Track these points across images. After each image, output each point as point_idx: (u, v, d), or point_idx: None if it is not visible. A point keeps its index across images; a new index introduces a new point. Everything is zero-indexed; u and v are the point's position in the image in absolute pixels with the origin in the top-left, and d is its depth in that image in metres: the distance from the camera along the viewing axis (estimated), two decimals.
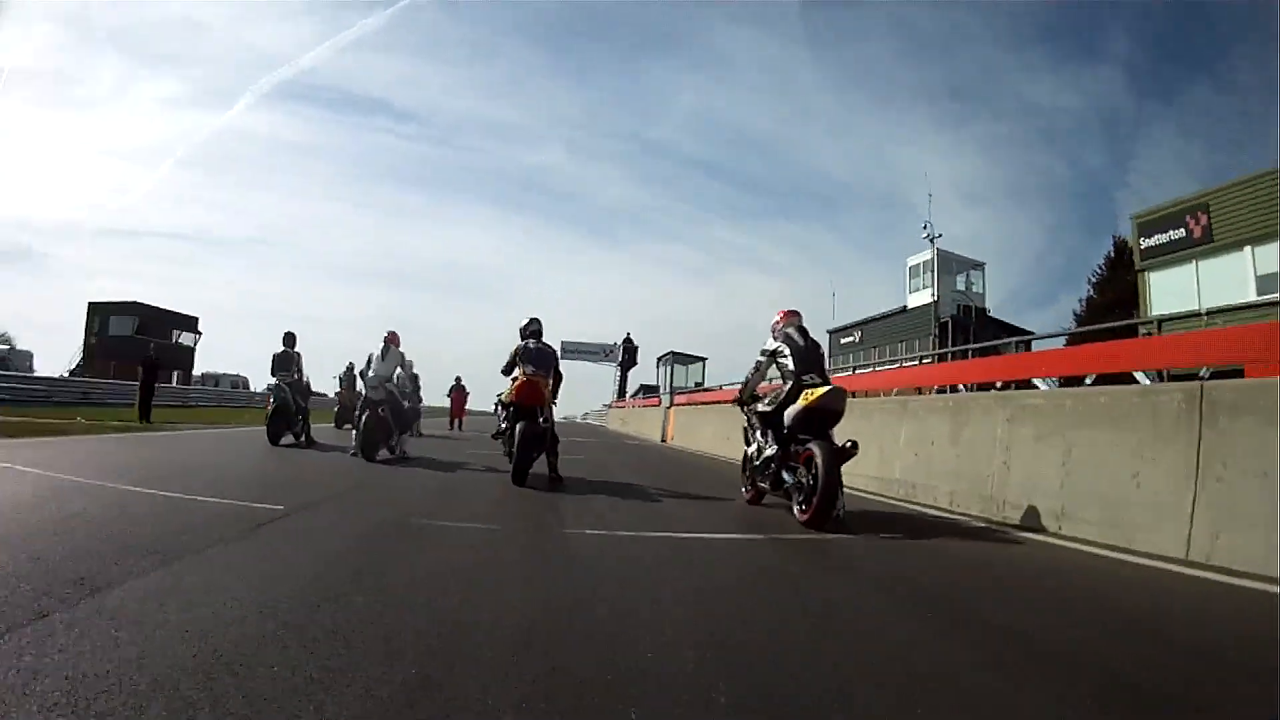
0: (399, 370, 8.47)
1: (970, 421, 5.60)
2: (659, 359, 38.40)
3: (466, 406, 19.84)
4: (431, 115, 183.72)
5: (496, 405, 7.35)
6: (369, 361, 8.28)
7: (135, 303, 40.30)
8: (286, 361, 9.79)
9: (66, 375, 29.33)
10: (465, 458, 8.76)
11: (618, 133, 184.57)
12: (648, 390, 38.93)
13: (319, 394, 36.91)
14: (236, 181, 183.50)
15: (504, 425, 6.69)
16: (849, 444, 4.64)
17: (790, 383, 5.01)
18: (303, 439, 9.67)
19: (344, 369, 14.84)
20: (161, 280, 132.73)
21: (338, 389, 15.26)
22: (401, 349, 8.50)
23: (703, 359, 36.21)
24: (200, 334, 43.71)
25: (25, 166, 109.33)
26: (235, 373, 43.76)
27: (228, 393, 34.29)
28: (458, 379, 19.85)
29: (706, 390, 20.74)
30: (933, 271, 30.29)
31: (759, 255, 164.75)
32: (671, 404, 19.95)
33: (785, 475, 4.89)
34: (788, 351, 5.12)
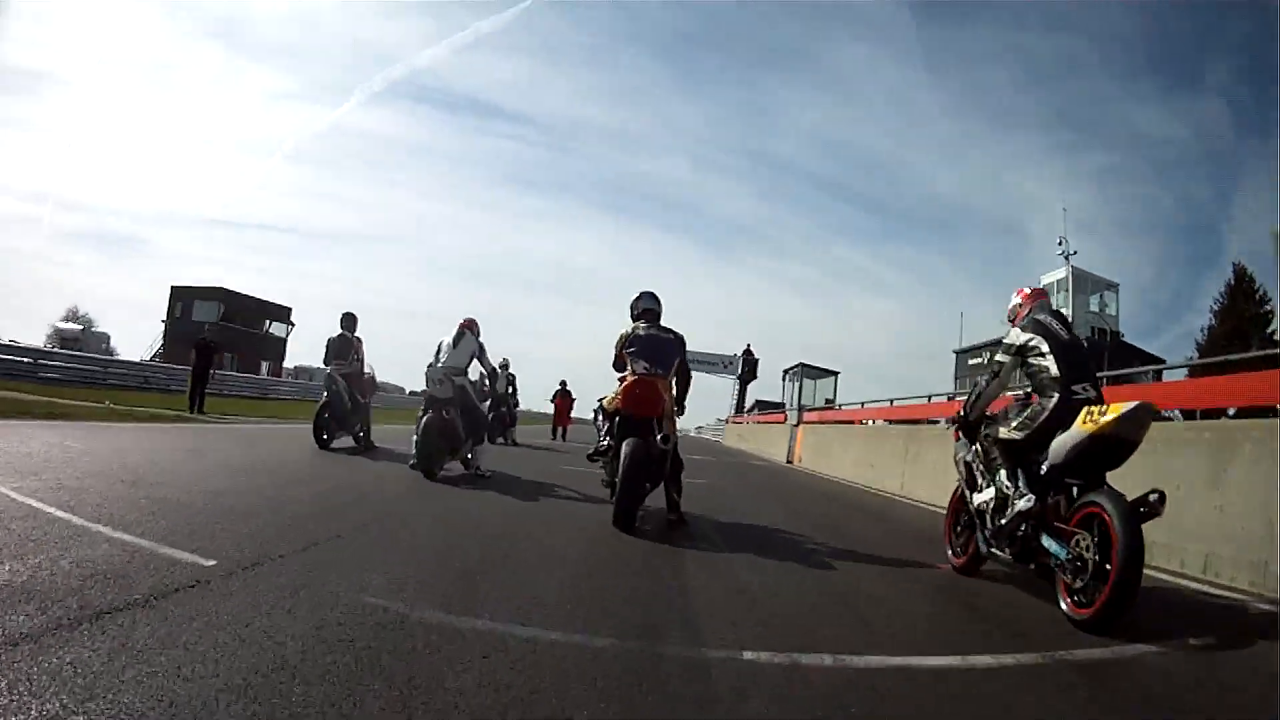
0: (476, 363, 6.76)
1: (1237, 458, 4.14)
2: (786, 372, 35.79)
3: (572, 414, 18.65)
4: (548, 120, 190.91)
5: (596, 414, 5.42)
6: (438, 351, 6.67)
7: (220, 288, 38.05)
8: (344, 348, 8.27)
9: (146, 360, 29.04)
10: (557, 478, 7.03)
11: (739, 147, 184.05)
12: (763, 405, 36.52)
13: (391, 387, 38.25)
14: (345, 177, 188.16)
15: (605, 442, 4.89)
16: (1154, 496, 2.87)
17: (1054, 396, 3.28)
18: (361, 442, 8.29)
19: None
20: (262, 271, 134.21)
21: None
22: (482, 339, 6.85)
23: (835, 373, 33.42)
24: (293, 324, 41.64)
25: (127, 153, 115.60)
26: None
27: (317, 387, 30.53)
28: (562, 383, 18.64)
29: (842, 408, 18.60)
30: (1068, 290, 27.97)
31: (873, 276, 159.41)
32: (800, 421, 17.84)
33: (1050, 542, 3.12)
34: (1045, 348, 3.40)
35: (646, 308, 5.02)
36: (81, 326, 40.30)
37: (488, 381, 7.01)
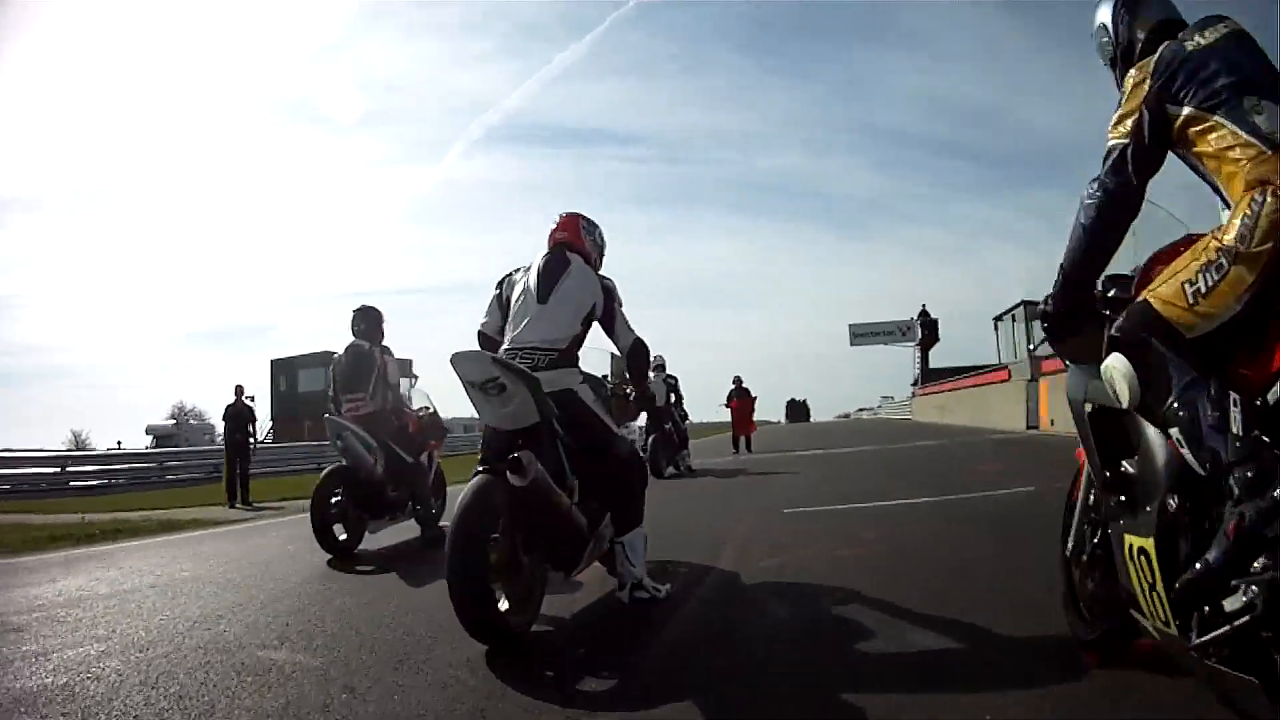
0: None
1: None
2: (997, 319, 27.55)
3: (755, 416, 14.99)
4: (655, 134, 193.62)
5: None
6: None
7: (323, 352, 33.75)
8: (359, 371, 5.00)
9: (263, 443, 25.44)
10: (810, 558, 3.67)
11: (847, 125, 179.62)
12: (937, 375, 31.48)
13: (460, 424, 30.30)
14: (459, 229, 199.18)
15: None
16: None
17: None
18: (427, 528, 4.93)
19: None
20: (399, 335, 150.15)
21: None
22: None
23: None
24: (417, 377, 36.74)
25: (247, 247, 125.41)
26: (469, 415, 37.23)
27: (460, 439, 24.86)
28: (737, 380, 14.60)
29: None
30: None
31: (1006, 227, 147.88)
32: (1038, 374, 14.05)
33: None
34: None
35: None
36: (175, 421, 40.31)
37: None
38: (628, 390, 3.49)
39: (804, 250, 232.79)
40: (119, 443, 34.27)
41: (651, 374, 10.54)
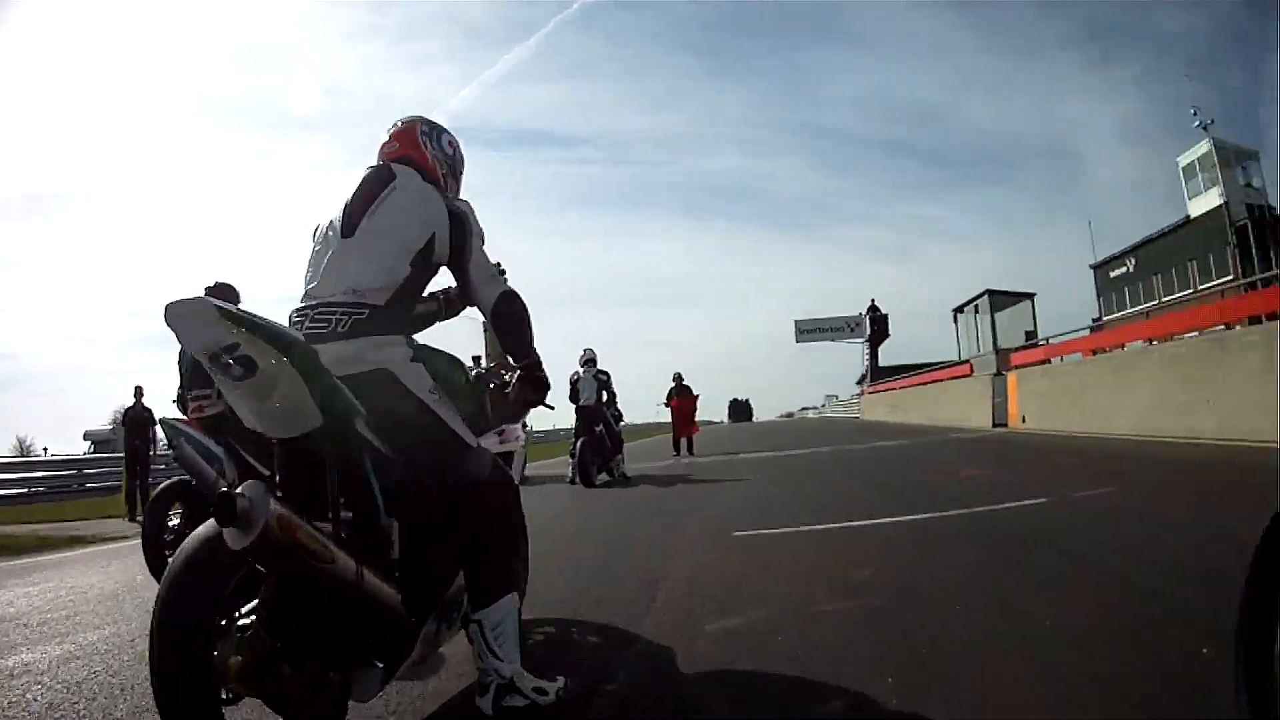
0: None
1: None
2: (957, 310, 26.84)
3: (697, 416, 13.70)
4: (601, 136, 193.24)
5: None
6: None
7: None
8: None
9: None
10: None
11: (789, 125, 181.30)
12: (885, 373, 31.17)
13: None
14: None
15: None
16: None
17: None
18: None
19: None
20: None
21: None
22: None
23: (1029, 295, 23.91)
24: None
25: (177, 249, 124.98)
26: None
27: None
28: (677, 377, 13.51)
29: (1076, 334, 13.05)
30: (1214, 166, 23.02)
31: (948, 225, 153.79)
32: (1004, 368, 13.36)
33: None
34: None
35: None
36: (112, 426, 39.62)
37: None
38: (505, 374, 2.28)
39: (750, 250, 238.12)
40: (45, 449, 32.81)
41: (581, 369, 9.27)
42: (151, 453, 10.43)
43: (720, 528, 4.56)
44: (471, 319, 2.39)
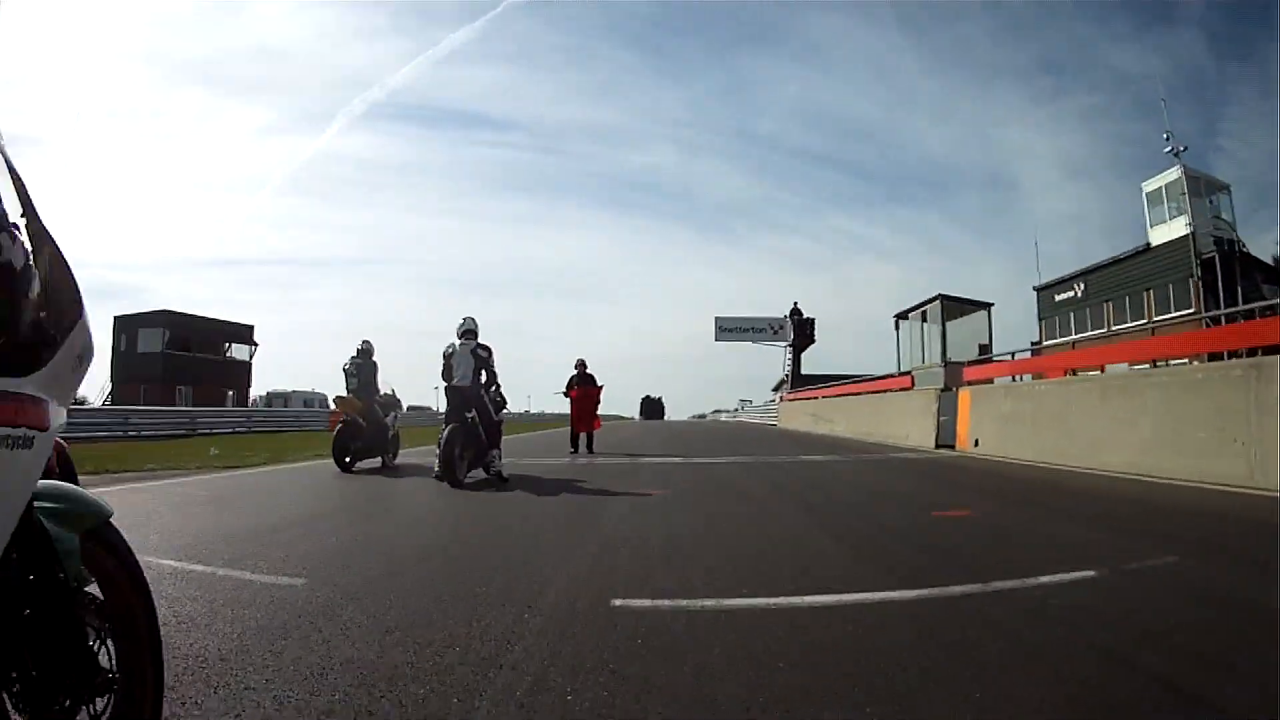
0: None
1: None
2: (899, 316, 24.51)
3: (599, 410, 11.94)
4: (534, 123, 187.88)
5: None
6: None
7: (164, 311, 33.39)
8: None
9: (98, 406, 24.33)
10: None
11: (724, 129, 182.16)
12: (807, 382, 29.73)
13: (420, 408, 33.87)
14: (336, 204, 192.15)
15: None
16: None
17: None
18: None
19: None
20: (267, 305, 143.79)
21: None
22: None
23: (987, 305, 22.02)
24: (256, 345, 37.48)
25: (118, 205, 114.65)
26: (310, 389, 37.28)
27: (304, 414, 27.28)
28: (580, 364, 11.84)
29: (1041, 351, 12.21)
30: (1183, 194, 22.39)
31: (875, 243, 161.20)
32: (956, 383, 12.00)
33: None
34: None
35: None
36: None
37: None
38: None
39: (670, 250, 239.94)
40: None
41: (458, 341, 7.40)
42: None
43: (597, 587, 2.86)
44: None
